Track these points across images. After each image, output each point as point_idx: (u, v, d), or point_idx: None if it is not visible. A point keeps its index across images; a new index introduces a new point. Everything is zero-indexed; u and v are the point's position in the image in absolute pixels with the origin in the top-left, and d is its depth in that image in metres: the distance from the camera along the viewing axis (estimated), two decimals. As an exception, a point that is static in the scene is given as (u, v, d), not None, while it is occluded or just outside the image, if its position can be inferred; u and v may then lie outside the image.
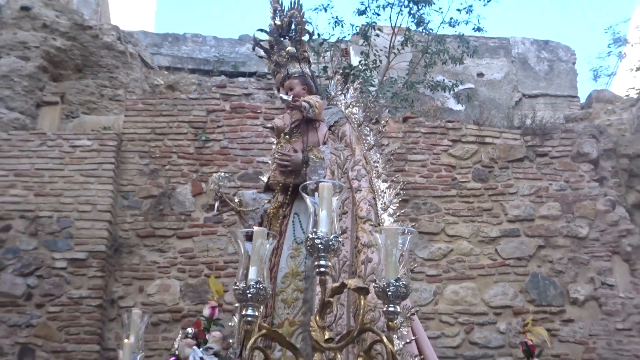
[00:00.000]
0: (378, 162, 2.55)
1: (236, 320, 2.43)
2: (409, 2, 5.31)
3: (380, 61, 5.84)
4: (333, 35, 5.55)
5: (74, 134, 4.61)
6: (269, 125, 2.89)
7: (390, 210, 2.42)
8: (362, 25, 5.45)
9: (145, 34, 5.16)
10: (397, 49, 5.53)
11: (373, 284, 1.50)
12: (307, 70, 2.68)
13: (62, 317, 4.19)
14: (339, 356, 1.50)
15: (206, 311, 2.91)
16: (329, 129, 2.65)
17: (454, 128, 4.89)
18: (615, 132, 4.99)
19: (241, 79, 4.78)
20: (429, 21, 5.48)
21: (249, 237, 1.57)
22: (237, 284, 1.48)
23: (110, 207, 4.48)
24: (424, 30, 5.52)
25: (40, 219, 4.46)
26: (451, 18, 5.57)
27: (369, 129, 2.64)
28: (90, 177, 4.53)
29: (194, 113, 4.60)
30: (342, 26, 5.71)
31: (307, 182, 1.55)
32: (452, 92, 5.54)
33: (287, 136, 2.54)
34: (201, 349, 2.57)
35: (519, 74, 6.23)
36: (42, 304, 4.21)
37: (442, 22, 5.53)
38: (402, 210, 2.72)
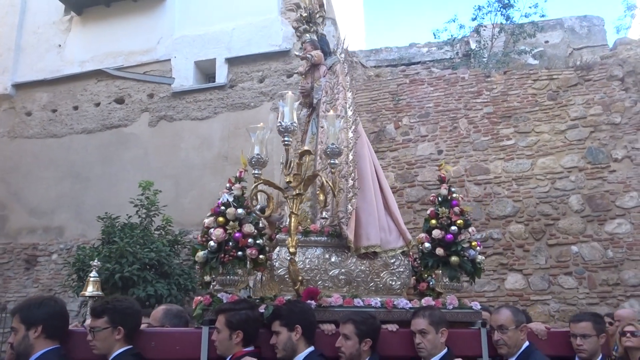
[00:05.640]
0: (348, 83, 3.92)
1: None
2: (500, 8, 9.26)
3: (487, 43, 9.78)
4: (459, 33, 9.78)
5: (332, 106, 9.19)
6: (297, 71, 4.32)
7: (351, 107, 3.83)
8: (475, 26, 9.55)
9: (361, 51, 9.67)
10: (495, 36, 9.47)
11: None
12: (315, 37, 4.07)
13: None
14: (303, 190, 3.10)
15: (236, 173, 3.38)
16: (330, 68, 3.96)
17: (534, 73, 8.65)
18: (632, 61, 8.38)
19: (412, 66, 9.07)
20: (512, 17, 9.42)
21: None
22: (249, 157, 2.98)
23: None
24: (510, 22, 9.41)
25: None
26: (526, 13, 9.48)
27: (346, 67, 4.06)
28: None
29: (391, 86, 8.96)
30: (463, 27, 9.88)
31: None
32: (529, 54, 9.33)
33: (303, 75, 4.05)
34: (228, 193, 3.21)
35: (570, 37, 9.68)
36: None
37: (520, 16, 9.45)
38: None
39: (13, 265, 9.98)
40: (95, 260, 3.96)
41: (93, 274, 3.86)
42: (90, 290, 3.79)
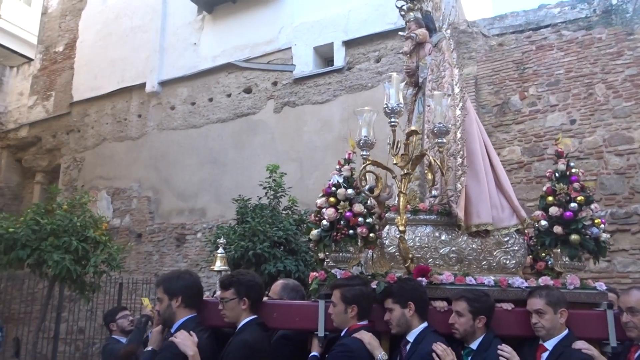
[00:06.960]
0: (455, 59, 3.86)
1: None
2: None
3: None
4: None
5: (451, 81, 8.93)
6: (402, 51, 4.18)
7: (458, 84, 3.75)
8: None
9: (483, 19, 9.23)
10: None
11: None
12: (419, 15, 4.04)
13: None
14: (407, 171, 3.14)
15: (345, 155, 3.58)
16: (435, 45, 3.93)
17: (688, 25, 7.55)
18: None
19: (540, 30, 8.43)
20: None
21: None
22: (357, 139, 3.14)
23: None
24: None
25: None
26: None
27: (452, 43, 4.01)
28: (463, 100, 8.76)
29: (515, 55, 8.42)
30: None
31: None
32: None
33: (408, 55, 4.04)
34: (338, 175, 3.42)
35: None
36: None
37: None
38: None
39: (166, 242, 11.36)
40: (222, 239, 4.35)
41: (220, 250, 4.23)
42: (218, 265, 4.17)
